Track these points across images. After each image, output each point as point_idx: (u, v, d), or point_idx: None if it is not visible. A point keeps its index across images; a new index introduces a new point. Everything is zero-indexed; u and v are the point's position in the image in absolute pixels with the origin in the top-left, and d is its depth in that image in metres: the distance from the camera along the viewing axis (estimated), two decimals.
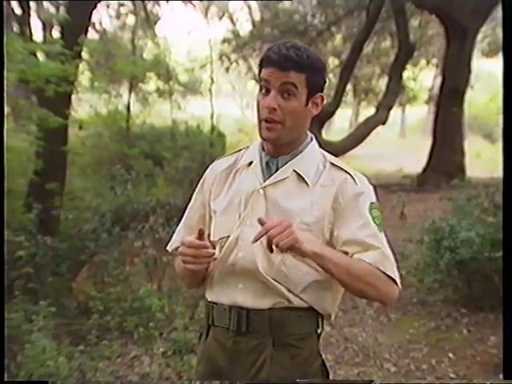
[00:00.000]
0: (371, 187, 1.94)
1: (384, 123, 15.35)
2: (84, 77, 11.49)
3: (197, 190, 2.11)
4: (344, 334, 5.36)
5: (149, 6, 16.48)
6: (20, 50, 5.72)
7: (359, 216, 1.85)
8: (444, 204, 7.79)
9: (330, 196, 1.87)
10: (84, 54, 8.67)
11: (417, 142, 23.31)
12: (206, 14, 19.36)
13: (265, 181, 1.91)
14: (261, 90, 1.89)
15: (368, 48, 18.28)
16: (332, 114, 14.56)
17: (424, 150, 14.74)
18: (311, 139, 1.98)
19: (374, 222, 1.86)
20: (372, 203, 1.89)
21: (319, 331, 1.95)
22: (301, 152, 1.93)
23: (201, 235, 1.80)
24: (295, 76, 1.81)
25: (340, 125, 31.03)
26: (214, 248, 1.94)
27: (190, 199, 2.15)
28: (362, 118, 21.99)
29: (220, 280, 1.93)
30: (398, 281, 1.84)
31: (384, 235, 1.87)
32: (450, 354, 4.79)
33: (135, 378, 4.58)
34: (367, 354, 4.94)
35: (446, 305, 5.84)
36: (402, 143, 27.74)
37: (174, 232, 2.16)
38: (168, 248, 2.13)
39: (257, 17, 20.10)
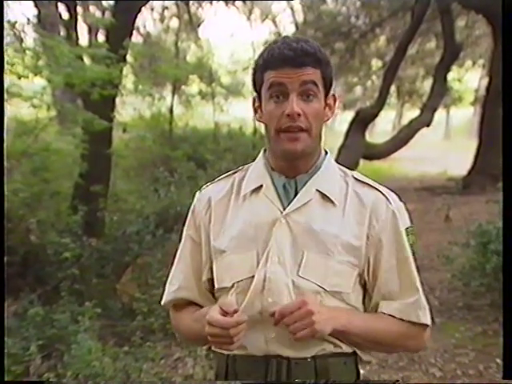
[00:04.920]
0: (403, 205, 1.69)
1: (428, 125, 15.20)
2: (128, 80, 11.60)
3: (186, 225, 1.77)
4: None
5: (192, 8, 16.62)
6: (66, 53, 5.82)
7: (397, 248, 1.63)
8: (490, 207, 7.63)
9: (363, 221, 1.61)
10: (128, 58, 8.75)
11: (462, 143, 22.97)
12: (249, 17, 19.44)
13: (285, 207, 1.60)
14: (259, 99, 1.64)
15: (412, 49, 18.11)
16: (375, 115, 14.44)
17: (469, 152, 14.51)
18: (326, 152, 1.70)
19: (412, 250, 1.65)
20: (407, 228, 1.66)
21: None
22: (319, 168, 1.65)
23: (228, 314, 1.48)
24: (313, 72, 1.54)
25: (383, 127, 30.79)
26: (213, 296, 1.71)
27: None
28: (405, 120, 21.81)
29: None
30: (430, 322, 1.66)
31: (414, 259, 1.66)
32: (498, 360, 4.67)
33: (179, 380, 4.60)
34: (412, 358, 4.84)
35: (493, 309, 5.71)
36: (447, 145, 27.44)
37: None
38: (162, 302, 1.81)
39: (300, 19, 20.11)
